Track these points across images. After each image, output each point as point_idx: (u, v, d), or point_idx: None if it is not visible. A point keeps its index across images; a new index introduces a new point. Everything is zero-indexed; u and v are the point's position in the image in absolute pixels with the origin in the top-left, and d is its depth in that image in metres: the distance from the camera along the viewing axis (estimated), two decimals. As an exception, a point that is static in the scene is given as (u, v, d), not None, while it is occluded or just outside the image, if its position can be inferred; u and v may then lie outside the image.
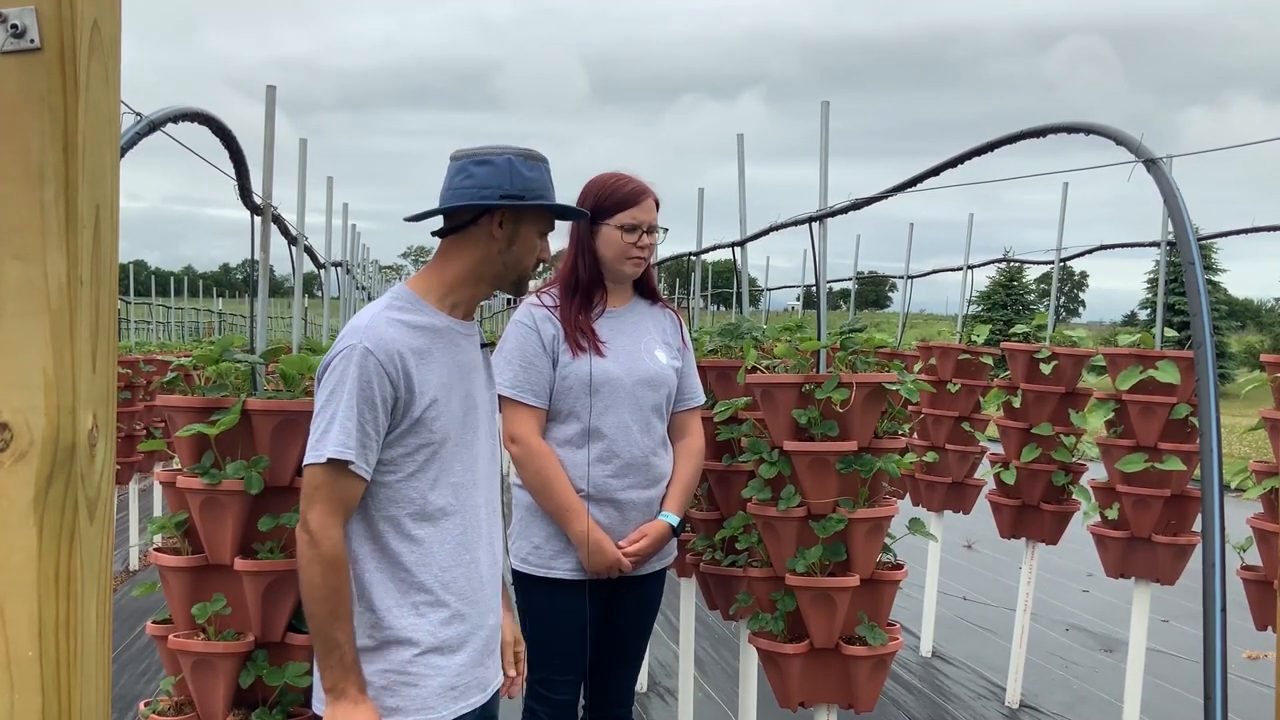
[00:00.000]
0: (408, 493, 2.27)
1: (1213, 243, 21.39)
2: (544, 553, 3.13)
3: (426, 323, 2.31)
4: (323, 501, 2.19)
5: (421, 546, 2.28)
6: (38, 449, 0.96)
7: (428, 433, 2.27)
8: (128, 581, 7.99)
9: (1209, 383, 1.84)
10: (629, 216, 3.13)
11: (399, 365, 2.23)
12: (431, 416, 2.27)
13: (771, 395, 3.24)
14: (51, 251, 0.96)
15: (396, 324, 2.27)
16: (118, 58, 1.01)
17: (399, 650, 2.27)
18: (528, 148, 2.35)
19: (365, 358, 2.21)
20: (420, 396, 2.25)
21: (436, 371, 2.29)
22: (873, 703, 3.25)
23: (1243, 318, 45.25)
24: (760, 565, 3.34)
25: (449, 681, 2.30)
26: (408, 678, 2.27)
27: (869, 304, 34.41)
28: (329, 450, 2.18)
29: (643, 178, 3.20)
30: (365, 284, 9.87)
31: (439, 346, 2.31)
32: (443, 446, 2.29)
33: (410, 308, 2.32)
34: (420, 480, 2.28)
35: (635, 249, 3.15)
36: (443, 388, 2.29)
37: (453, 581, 2.30)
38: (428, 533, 2.28)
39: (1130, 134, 2.16)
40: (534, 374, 3.07)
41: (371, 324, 2.25)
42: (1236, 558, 4.06)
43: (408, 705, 2.27)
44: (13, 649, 0.96)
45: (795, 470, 3.19)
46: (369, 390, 2.20)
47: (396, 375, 2.22)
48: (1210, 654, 1.73)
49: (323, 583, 2.18)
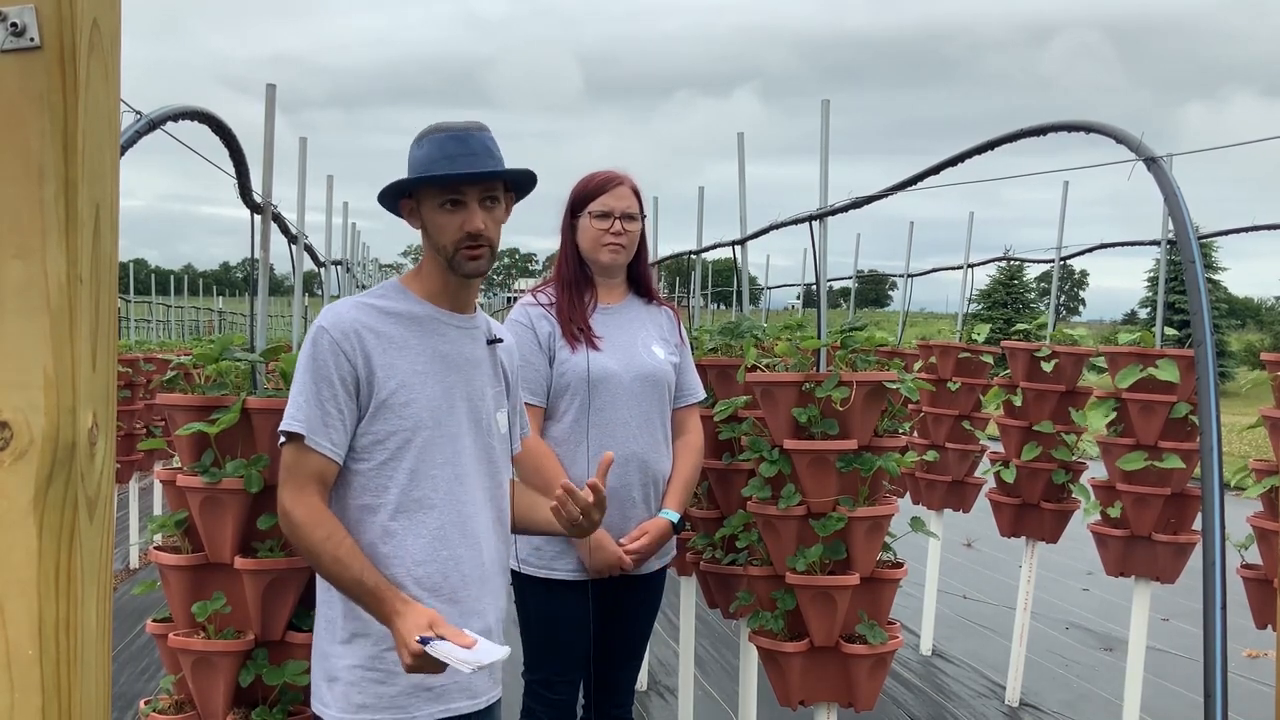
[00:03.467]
0: (381, 481, 2.25)
1: (1213, 241, 21.38)
2: (544, 554, 3.13)
3: (404, 309, 2.31)
4: (288, 480, 2.21)
5: (394, 539, 2.25)
6: (38, 448, 0.96)
7: (396, 419, 2.24)
8: (128, 580, 7.99)
9: (1209, 381, 1.84)
10: (599, 204, 3.15)
11: (355, 344, 2.22)
12: (400, 402, 2.24)
13: (772, 394, 3.24)
14: (51, 250, 0.96)
15: (363, 307, 2.28)
16: (118, 56, 1.01)
17: (366, 644, 2.24)
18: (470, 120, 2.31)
19: (319, 334, 2.22)
20: (384, 379, 2.23)
21: (408, 358, 2.27)
22: (873, 701, 3.25)
23: (1243, 316, 45.26)
24: (760, 564, 3.34)
25: (422, 681, 2.23)
26: (375, 674, 2.23)
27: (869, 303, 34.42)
28: (283, 424, 2.21)
29: (621, 169, 3.22)
30: (365, 283, 9.87)
31: (415, 334, 2.29)
32: (416, 434, 2.25)
33: (390, 295, 2.33)
34: (394, 469, 2.25)
35: (609, 235, 3.15)
36: (416, 374, 2.27)
37: (426, 577, 2.25)
38: (402, 525, 2.25)
39: (1130, 132, 2.16)
40: (530, 371, 3.08)
41: (335, 307, 2.28)
42: (1237, 556, 4.06)
43: (375, 703, 2.23)
44: (13, 648, 0.96)
45: (795, 469, 3.19)
46: (325, 368, 2.20)
47: (354, 352, 2.22)
48: (1210, 652, 1.73)
49: (312, 541, 2.17)
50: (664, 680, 5.91)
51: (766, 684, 3.47)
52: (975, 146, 2.85)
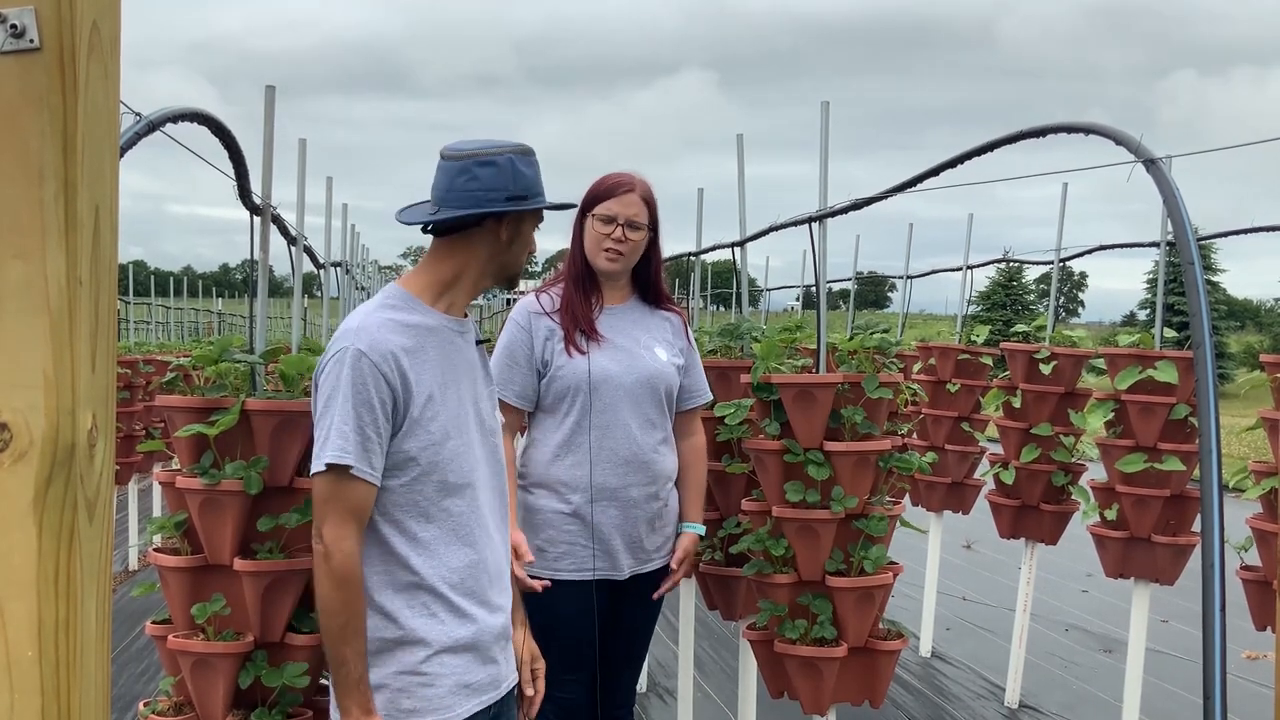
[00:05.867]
0: (412, 496, 2.26)
1: (1212, 243, 21.39)
2: (547, 555, 3.13)
3: (419, 321, 2.30)
4: (333, 513, 2.18)
5: (427, 549, 2.27)
6: (37, 449, 0.96)
7: (426, 434, 2.25)
8: (127, 581, 7.99)
9: (1208, 383, 1.84)
10: (605, 208, 3.14)
11: (394, 365, 2.21)
12: (429, 416, 2.25)
13: (811, 395, 3.20)
14: (51, 251, 0.96)
15: (389, 323, 2.25)
16: (117, 57, 1.01)
17: (411, 651, 2.27)
18: (519, 143, 2.34)
19: (359, 360, 2.19)
20: (417, 396, 2.24)
21: (430, 370, 2.27)
22: (884, 696, 3.36)
23: (1242, 318, 45.25)
24: (784, 570, 3.29)
25: (463, 680, 2.30)
26: (423, 678, 2.27)
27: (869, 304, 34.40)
28: (327, 456, 2.17)
29: (638, 174, 3.21)
30: (365, 284, 9.87)
31: (432, 345, 2.30)
32: (443, 446, 2.27)
33: (403, 306, 2.31)
34: (424, 483, 2.26)
35: (609, 241, 3.14)
36: (438, 386, 2.28)
37: (460, 582, 2.30)
38: (432, 534, 2.28)
39: (1129, 134, 2.16)
40: (518, 373, 3.09)
41: (363, 325, 2.24)
42: (1236, 558, 4.06)
43: (424, 706, 2.28)
44: (12, 649, 0.96)
45: (836, 470, 3.20)
46: (365, 393, 2.18)
47: (393, 375, 2.21)
48: (1210, 654, 1.73)
49: (333, 597, 2.18)
50: (663, 682, 5.91)
51: (765, 685, 3.47)
52: (975, 148, 2.85)
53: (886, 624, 3.39)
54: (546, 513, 3.14)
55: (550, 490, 3.14)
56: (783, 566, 3.31)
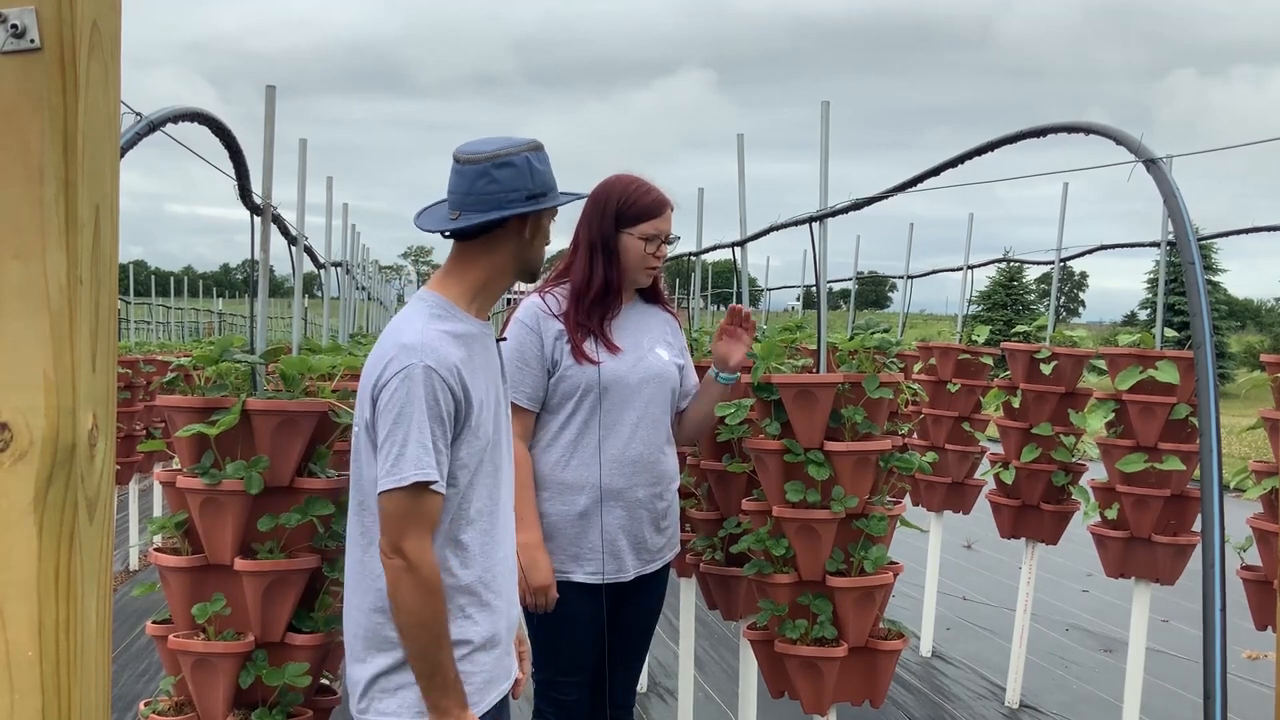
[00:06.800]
0: (460, 503, 2.30)
1: (1212, 242, 21.40)
2: (556, 558, 3.12)
3: (465, 330, 2.33)
4: (414, 526, 2.21)
5: (466, 551, 2.31)
6: (38, 449, 0.96)
7: (476, 440, 2.30)
8: (128, 581, 7.99)
9: (1209, 383, 1.84)
10: (651, 227, 3.12)
11: (457, 379, 2.25)
12: (476, 424, 2.30)
13: (812, 395, 3.20)
14: (51, 251, 0.96)
15: (444, 336, 2.28)
16: (118, 58, 1.01)
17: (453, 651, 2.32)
18: (530, 140, 2.36)
19: (429, 376, 2.21)
20: (474, 405, 2.29)
21: (479, 378, 2.32)
22: (884, 696, 3.36)
23: (1242, 318, 45.25)
24: (784, 570, 3.29)
25: (489, 675, 2.37)
26: (463, 675, 2.32)
27: (869, 304, 34.42)
28: (410, 474, 2.19)
29: (660, 185, 3.19)
30: (365, 284, 9.87)
31: (476, 351, 2.34)
32: (487, 451, 2.33)
33: (448, 316, 2.33)
34: (473, 488, 2.32)
35: (653, 259, 3.16)
36: (481, 392, 2.32)
37: (492, 580, 2.36)
38: (470, 537, 2.32)
39: (1130, 134, 2.16)
40: (529, 375, 3.07)
41: (424, 341, 2.25)
42: (1236, 558, 4.06)
43: None
44: (13, 649, 0.96)
45: (837, 470, 3.20)
46: (436, 408, 2.22)
47: (457, 389, 2.25)
48: (1210, 654, 1.73)
49: (424, 608, 2.21)
50: (664, 682, 5.91)
51: (765, 685, 3.47)
52: (975, 148, 2.85)
53: (887, 624, 3.39)
54: (553, 516, 3.12)
55: (556, 493, 3.12)
56: (783, 566, 3.29)
